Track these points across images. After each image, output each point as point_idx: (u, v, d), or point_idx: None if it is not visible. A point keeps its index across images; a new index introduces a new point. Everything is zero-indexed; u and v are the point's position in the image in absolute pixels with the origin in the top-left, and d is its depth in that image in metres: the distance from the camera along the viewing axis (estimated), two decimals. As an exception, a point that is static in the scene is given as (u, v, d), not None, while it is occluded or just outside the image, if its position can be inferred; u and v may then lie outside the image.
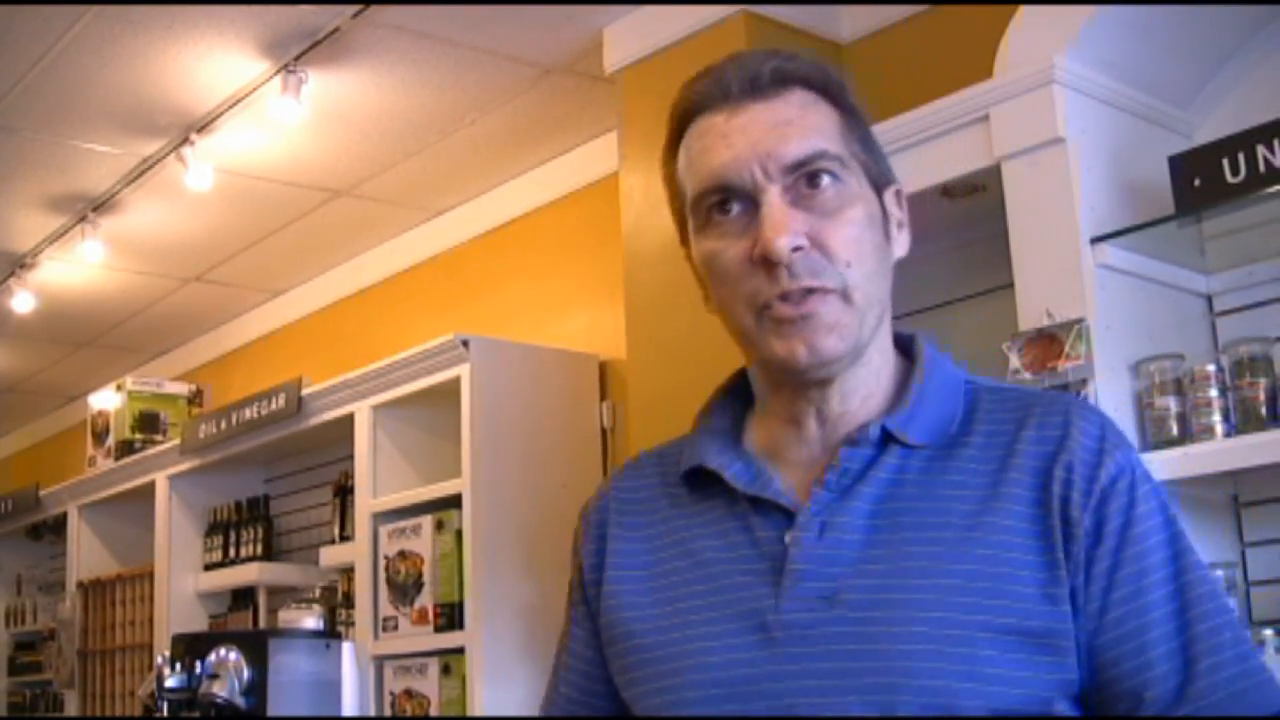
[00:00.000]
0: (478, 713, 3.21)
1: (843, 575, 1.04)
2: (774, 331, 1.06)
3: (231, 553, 4.58)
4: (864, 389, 1.11)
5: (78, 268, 4.60)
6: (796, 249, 1.04)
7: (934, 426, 1.09)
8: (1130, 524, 1.04)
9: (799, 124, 1.08)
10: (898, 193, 1.15)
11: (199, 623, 4.59)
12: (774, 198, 1.05)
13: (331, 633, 3.70)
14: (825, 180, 1.07)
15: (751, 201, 1.06)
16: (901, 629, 1.00)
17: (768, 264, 1.04)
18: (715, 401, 1.21)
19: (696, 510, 1.15)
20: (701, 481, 1.15)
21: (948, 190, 2.40)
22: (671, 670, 1.07)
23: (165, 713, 3.49)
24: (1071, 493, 1.04)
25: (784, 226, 1.04)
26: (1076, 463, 1.05)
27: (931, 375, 1.13)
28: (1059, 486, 1.04)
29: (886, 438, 1.08)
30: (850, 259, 1.06)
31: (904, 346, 1.17)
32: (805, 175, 1.07)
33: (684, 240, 1.16)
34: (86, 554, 5.29)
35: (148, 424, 5.09)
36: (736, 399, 1.20)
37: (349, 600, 3.86)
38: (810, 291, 1.05)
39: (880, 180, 1.13)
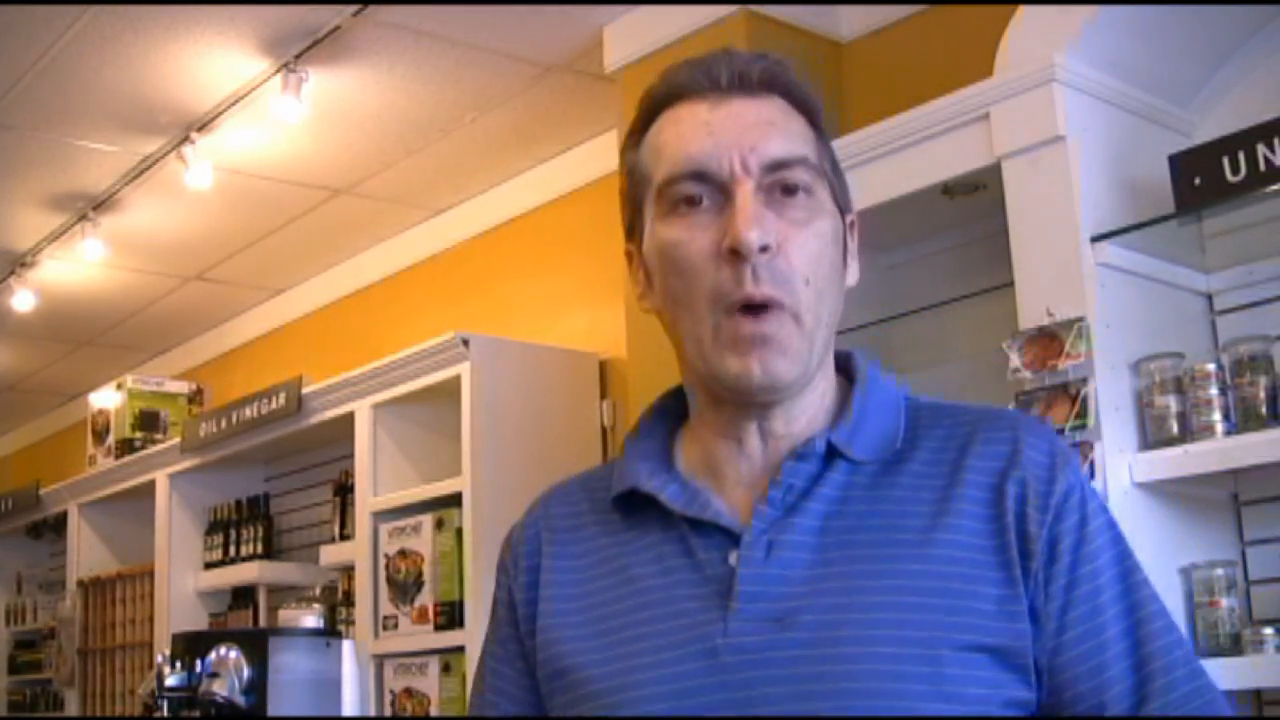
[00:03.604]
0: (478, 711, 3.21)
1: (794, 595, 1.00)
2: (730, 347, 1.03)
3: (232, 551, 4.58)
4: (810, 410, 1.09)
5: (78, 266, 4.60)
6: (764, 248, 1.01)
7: (877, 442, 1.07)
8: (1083, 541, 1.03)
9: (782, 126, 1.06)
10: (852, 223, 1.13)
11: (199, 621, 4.59)
12: (749, 191, 1.02)
13: (331, 631, 3.69)
14: (800, 190, 1.04)
15: (724, 195, 1.03)
16: (860, 648, 0.97)
17: (735, 259, 1.01)
18: (644, 422, 1.17)
19: (630, 535, 1.10)
20: (635, 505, 1.10)
21: (948, 189, 2.40)
22: (616, 703, 1.02)
23: (165, 711, 3.49)
24: (1027, 509, 1.02)
25: (758, 220, 1.01)
26: (1030, 478, 1.03)
27: (872, 393, 1.11)
28: (1013, 503, 1.02)
29: (830, 453, 1.06)
30: (809, 275, 1.03)
31: (842, 365, 1.14)
32: (781, 183, 1.04)
33: (630, 233, 1.13)
34: (87, 552, 5.29)
35: (148, 423, 5.09)
36: (664, 418, 1.17)
37: (349, 599, 3.86)
38: (768, 308, 1.02)
39: (843, 205, 1.11)
